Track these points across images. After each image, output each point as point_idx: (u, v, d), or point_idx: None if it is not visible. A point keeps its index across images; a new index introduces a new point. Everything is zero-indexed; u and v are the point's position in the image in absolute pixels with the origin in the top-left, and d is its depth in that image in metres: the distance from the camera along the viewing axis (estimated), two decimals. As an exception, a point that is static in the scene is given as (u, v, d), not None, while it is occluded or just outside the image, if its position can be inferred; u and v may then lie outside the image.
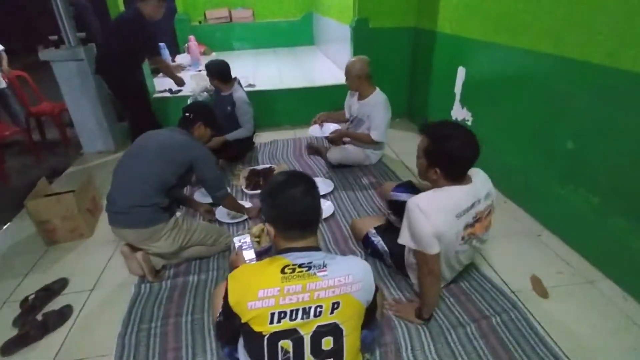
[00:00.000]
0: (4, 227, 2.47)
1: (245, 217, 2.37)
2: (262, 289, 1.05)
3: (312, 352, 1.05)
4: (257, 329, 1.04)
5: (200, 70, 4.79)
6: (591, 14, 1.80)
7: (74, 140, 3.83)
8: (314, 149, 3.37)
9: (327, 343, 1.06)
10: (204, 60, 5.76)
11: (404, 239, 1.51)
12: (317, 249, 1.14)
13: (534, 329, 1.58)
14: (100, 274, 2.01)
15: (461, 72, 3.01)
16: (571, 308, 1.70)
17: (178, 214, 1.92)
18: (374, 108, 2.76)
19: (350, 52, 3.85)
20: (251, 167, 3.04)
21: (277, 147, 3.54)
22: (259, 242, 2.07)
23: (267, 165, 3.07)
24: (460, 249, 1.54)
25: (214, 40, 6.41)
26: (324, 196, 2.62)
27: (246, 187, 2.74)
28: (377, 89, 2.83)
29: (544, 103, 2.16)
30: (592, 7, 1.79)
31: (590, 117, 1.88)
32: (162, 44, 4.51)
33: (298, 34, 6.67)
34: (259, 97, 3.94)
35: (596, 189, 1.90)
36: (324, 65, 5.10)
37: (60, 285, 1.91)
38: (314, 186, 1.15)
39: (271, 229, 1.14)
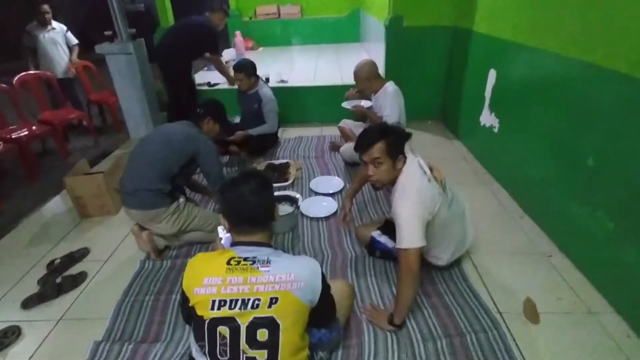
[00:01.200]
0: (52, 200, 2.84)
1: None
2: (207, 277, 1.13)
3: (247, 341, 1.11)
4: (199, 313, 1.13)
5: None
6: (619, 19, 1.62)
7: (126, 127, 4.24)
8: (336, 147, 3.39)
9: (262, 335, 1.11)
10: (250, 55, 6.04)
11: (408, 241, 1.50)
12: (266, 244, 1.20)
13: (510, 353, 1.49)
14: (116, 248, 2.25)
15: (492, 75, 2.84)
16: (561, 338, 1.57)
17: (181, 200, 2.08)
18: (385, 98, 2.74)
19: (384, 51, 3.79)
20: (269, 162, 3.16)
21: (301, 143, 3.62)
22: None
23: (285, 161, 3.16)
24: (448, 198, 1.66)
25: (262, 35, 6.63)
26: (332, 195, 2.66)
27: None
28: (389, 82, 2.79)
29: (569, 114, 1.98)
30: (620, 11, 1.61)
31: (614, 133, 1.70)
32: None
33: (344, 31, 6.67)
34: (290, 93, 4.05)
35: (613, 214, 1.72)
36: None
37: (81, 254, 2.17)
38: (265, 187, 1.21)
39: (225, 222, 1.22)
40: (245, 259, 1.14)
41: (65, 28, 4.23)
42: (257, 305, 1.10)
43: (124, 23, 3.54)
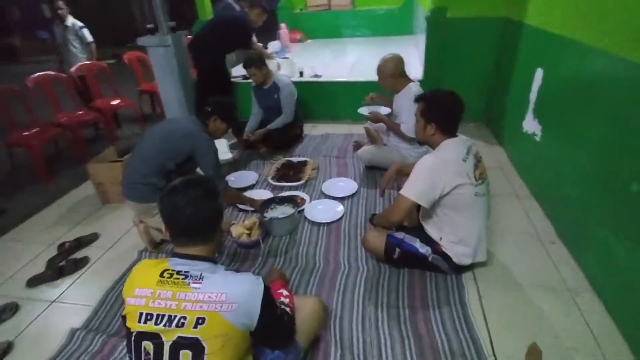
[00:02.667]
0: (84, 184, 3.04)
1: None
2: (138, 288, 1.08)
3: (170, 360, 1.04)
4: (128, 324, 1.08)
5: (286, 57, 4.97)
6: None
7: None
8: (360, 147, 3.20)
9: (185, 356, 1.03)
10: (297, 47, 5.99)
11: (407, 189, 1.66)
12: (203, 258, 1.11)
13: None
14: (121, 237, 2.33)
15: (539, 75, 2.45)
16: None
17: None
18: (405, 99, 2.50)
19: (424, 45, 3.49)
20: (287, 159, 3.08)
21: (327, 141, 3.48)
22: (249, 235, 2.10)
23: (303, 159, 3.06)
24: (480, 189, 1.66)
25: (311, 27, 6.54)
26: (342, 199, 2.50)
27: (272, 178, 2.79)
28: (413, 82, 2.53)
29: (618, 127, 1.61)
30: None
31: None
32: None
33: (397, 23, 6.32)
34: (322, 88, 3.93)
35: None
36: (409, 57, 4.73)
37: (89, 239, 2.29)
38: (205, 197, 1.12)
39: (167, 231, 1.15)
40: (178, 273, 1.07)
41: (79, 25, 4.28)
42: (183, 324, 1.03)
43: (164, 16, 3.66)
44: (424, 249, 1.76)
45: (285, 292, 1.45)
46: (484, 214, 1.73)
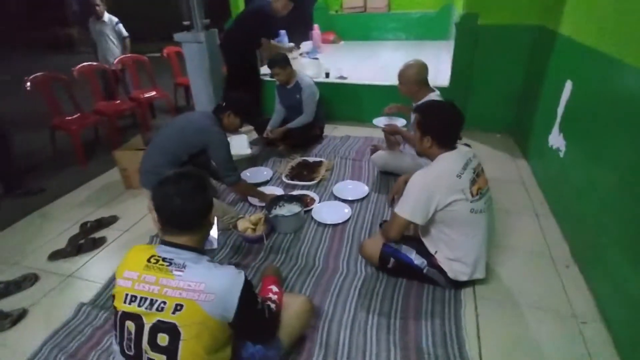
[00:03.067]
0: (111, 170, 3.23)
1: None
2: (127, 270, 1.14)
3: (149, 342, 1.10)
4: (115, 303, 1.15)
5: (316, 58, 5.02)
6: None
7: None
8: (377, 151, 3.18)
9: (162, 339, 1.09)
10: (330, 48, 6.03)
11: (401, 207, 1.65)
12: (189, 248, 1.16)
13: None
14: (138, 221, 2.46)
15: (567, 88, 2.33)
16: None
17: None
18: None
19: (452, 52, 3.41)
20: (303, 158, 3.11)
21: (346, 143, 3.48)
22: (254, 230, 2.15)
23: (318, 159, 3.08)
24: (476, 206, 1.61)
25: (345, 29, 6.54)
26: (352, 202, 2.50)
27: (286, 176, 2.83)
28: (435, 91, 2.46)
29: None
30: None
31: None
32: (282, 31, 4.91)
33: (434, 27, 6.19)
34: (347, 90, 3.94)
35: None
36: (441, 63, 4.63)
37: (109, 221, 2.44)
38: (196, 190, 1.16)
39: (157, 219, 1.21)
40: (163, 259, 1.13)
41: (115, 20, 4.42)
42: (162, 309, 1.08)
43: (200, 14, 3.81)
44: (419, 260, 1.73)
45: (275, 289, 1.48)
46: (483, 231, 1.66)
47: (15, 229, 2.50)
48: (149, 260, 1.13)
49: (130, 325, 1.12)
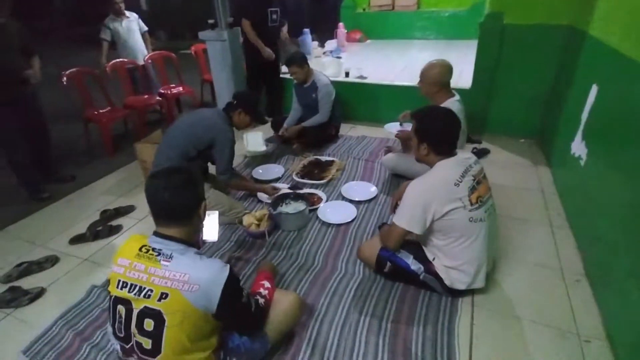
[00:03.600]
0: (135, 161, 3.39)
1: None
2: (121, 257, 1.22)
3: (136, 326, 1.17)
4: (109, 287, 1.22)
5: (339, 57, 5.02)
6: None
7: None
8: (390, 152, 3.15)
9: (148, 324, 1.15)
10: (355, 46, 6.00)
11: (398, 217, 1.65)
12: (178, 240, 1.21)
13: None
14: (152, 211, 2.58)
15: (593, 93, 2.20)
16: None
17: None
18: None
19: (475, 52, 3.31)
20: (316, 157, 3.13)
21: (360, 143, 3.47)
22: (258, 225, 2.20)
23: (330, 159, 3.09)
24: (476, 214, 1.57)
25: (372, 28, 6.47)
26: (359, 203, 2.50)
27: (296, 174, 2.87)
28: (455, 96, 2.37)
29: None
30: None
31: None
32: (306, 30, 4.94)
33: (463, 26, 5.99)
34: (366, 90, 3.91)
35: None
36: (466, 63, 4.49)
37: (126, 210, 2.57)
38: (185, 184, 1.21)
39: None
40: (153, 249, 1.19)
41: (135, 15, 4.41)
42: (149, 296, 1.14)
43: (224, 12, 3.91)
44: (416, 266, 1.71)
45: (267, 284, 1.51)
46: (483, 240, 1.62)
47: (46, 212, 2.70)
48: (140, 250, 1.20)
49: (121, 309, 1.19)
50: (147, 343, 1.16)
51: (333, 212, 2.38)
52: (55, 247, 2.26)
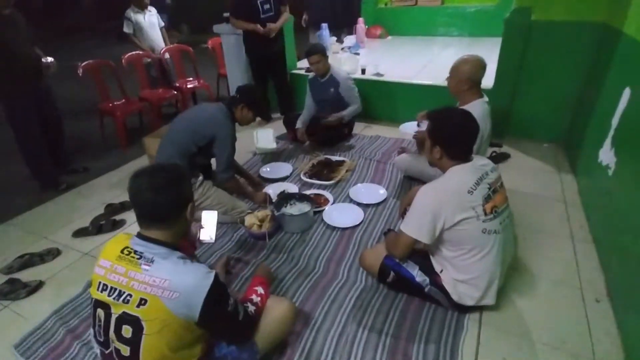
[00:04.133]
0: (144, 155, 3.38)
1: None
2: (103, 258, 1.17)
3: (115, 332, 1.12)
4: (90, 289, 1.18)
5: (357, 53, 4.89)
6: None
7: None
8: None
9: (127, 331, 1.10)
10: (375, 43, 5.84)
11: (406, 224, 1.53)
12: (161, 243, 1.15)
13: None
14: (157, 206, 2.55)
15: (625, 96, 2.02)
16: None
17: (199, 178, 2.18)
18: None
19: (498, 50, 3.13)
20: (326, 156, 3.04)
21: (374, 143, 3.35)
22: (260, 226, 2.14)
23: (341, 159, 2.99)
24: (490, 225, 1.46)
25: (394, 24, 6.28)
26: (367, 206, 2.39)
27: (304, 173, 2.78)
28: (482, 97, 2.19)
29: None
30: None
31: None
32: (324, 24, 4.82)
33: (490, 23, 5.70)
34: (382, 88, 3.78)
35: None
36: (490, 62, 4.27)
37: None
38: (170, 184, 1.14)
39: None
40: (135, 252, 1.13)
41: (155, 10, 4.48)
42: (128, 301, 1.09)
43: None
44: (421, 278, 1.60)
45: (260, 290, 1.44)
46: (497, 254, 1.49)
47: (54, 203, 2.73)
48: (122, 251, 1.14)
49: (100, 313, 1.14)
50: (125, 350, 1.11)
51: (339, 215, 2.29)
52: (59, 240, 2.26)
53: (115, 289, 1.11)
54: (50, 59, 2.69)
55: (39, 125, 2.81)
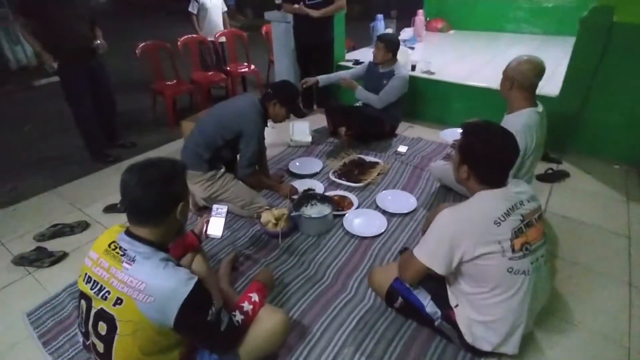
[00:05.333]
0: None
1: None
2: (92, 250, 1.16)
3: (92, 327, 1.11)
4: (78, 280, 1.17)
5: (412, 47, 4.61)
6: None
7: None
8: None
9: (102, 328, 1.09)
10: (435, 37, 5.47)
11: (419, 249, 1.36)
12: (147, 242, 1.11)
13: None
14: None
15: None
16: None
17: (221, 170, 2.16)
18: (511, 126, 1.92)
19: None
20: (360, 155, 2.88)
21: (414, 146, 3.11)
22: (275, 225, 2.07)
23: (375, 160, 2.81)
24: (518, 265, 1.25)
25: (460, 17, 5.81)
26: (391, 215, 2.22)
27: (333, 172, 2.66)
28: (537, 107, 1.90)
29: None
30: None
31: None
32: (379, 15, 4.59)
33: (569, 20, 5.06)
34: (431, 87, 3.52)
35: None
36: (561, 66, 3.79)
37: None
38: (157, 180, 1.09)
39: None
40: (120, 248, 1.11)
41: None
42: (106, 298, 1.07)
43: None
44: (432, 309, 1.43)
45: (254, 298, 1.37)
46: (525, 298, 1.27)
47: (96, 176, 2.89)
48: (109, 245, 1.12)
49: (83, 304, 1.14)
50: (100, 346, 1.10)
51: (360, 222, 2.16)
52: (91, 213, 2.38)
53: (97, 283, 1.09)
54: (98, 42, 2.81)
55: (92, 101, 2.98)
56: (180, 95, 4.19)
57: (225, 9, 4.67)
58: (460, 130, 2.14)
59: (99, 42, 2.83)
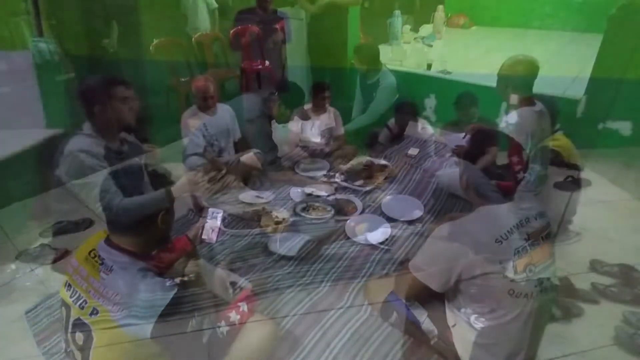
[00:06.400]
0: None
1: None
2: (73, 258, 1.15)
3: (70, 335, 1.09)
4: (61, 287, 1.16)
5: (430, 45, 4.47)
6: None
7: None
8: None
9: (79, 338, 1.07)
10: (456, 33, 5.28)
11: (414, 263, 1.31)
12: (125, 251, 1.08)
13: None
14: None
15: None
16: None
17: (223, 171, 2.13)
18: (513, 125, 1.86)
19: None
20: (368, 158, 2.80)
21: (425, 148, 2.98)
22: (275, 230, 2.03)
23: (384, 162, 2.72)
24: (519, 287, 1.16)
25: (483, 12, 5.60)
26: (396, 222, 2.14)
27: (340, 174, 2.58)
28: (525, 109, 1.83)
29: None
30: None
31: None
32: (397, 11, 4.45)
33: (599, 17, 4.79)
34: (447, 87, 3.38)
35: None
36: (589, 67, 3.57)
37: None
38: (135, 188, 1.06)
39: None
40: (99, 257, 1.09)
41: None
42: (83, 307, 1.05)
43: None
44: (428, 327, 1.35)
45: (243, 308, 1.33)
46: (528, 322, 1.19)
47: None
48: (89, 253, 1.10)
49: (63, 311, 1.13)
50: (78, 356, 1.08)
51: (362, 228, 2.08)
52: (96, 210, 2.40)
53: (76, 291, 1.08)
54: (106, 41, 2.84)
55: None
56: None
57: (215, 5, 4.38)
58: (462, 136, 2.08)
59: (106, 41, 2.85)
